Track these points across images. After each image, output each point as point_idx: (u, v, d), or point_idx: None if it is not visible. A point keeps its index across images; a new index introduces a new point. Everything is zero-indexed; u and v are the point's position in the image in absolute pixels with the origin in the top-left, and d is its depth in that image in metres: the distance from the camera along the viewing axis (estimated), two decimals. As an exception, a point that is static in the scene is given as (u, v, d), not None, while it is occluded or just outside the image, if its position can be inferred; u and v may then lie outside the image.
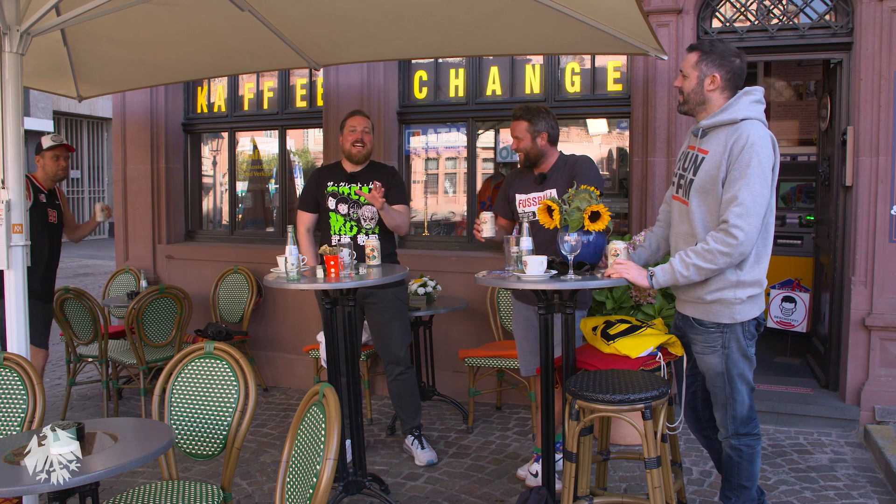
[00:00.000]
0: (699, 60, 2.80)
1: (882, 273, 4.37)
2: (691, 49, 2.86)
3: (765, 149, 2.65)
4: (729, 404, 2.85)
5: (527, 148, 3.56)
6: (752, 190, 2.61)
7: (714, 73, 2.78)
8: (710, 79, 2.78)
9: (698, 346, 2.89)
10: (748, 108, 2.74)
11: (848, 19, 4.45)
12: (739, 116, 2.71)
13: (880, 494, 3.59)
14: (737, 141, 2.66)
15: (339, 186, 4.06)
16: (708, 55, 2.79)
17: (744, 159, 2.63)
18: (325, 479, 1.94)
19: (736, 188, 2.63)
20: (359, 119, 4.06)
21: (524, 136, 3.55)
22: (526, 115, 3.55)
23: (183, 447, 2.84)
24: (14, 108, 3.09)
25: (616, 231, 4.78)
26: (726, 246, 2.63)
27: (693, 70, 2.81)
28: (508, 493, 3.68)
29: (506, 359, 4.49)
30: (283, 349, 5.75)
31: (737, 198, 2.62)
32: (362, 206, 4.02)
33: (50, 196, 4.62)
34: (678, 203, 2.92)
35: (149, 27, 4.16)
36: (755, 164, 2.62)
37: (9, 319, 3.15)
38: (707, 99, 2.80)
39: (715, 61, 2.78)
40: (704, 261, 2.67)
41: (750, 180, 2.61)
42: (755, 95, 2.78)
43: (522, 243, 3.03)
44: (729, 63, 2.78)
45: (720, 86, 2.78)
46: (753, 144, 2.63)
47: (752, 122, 2.70)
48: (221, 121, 6.19)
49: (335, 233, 4.05)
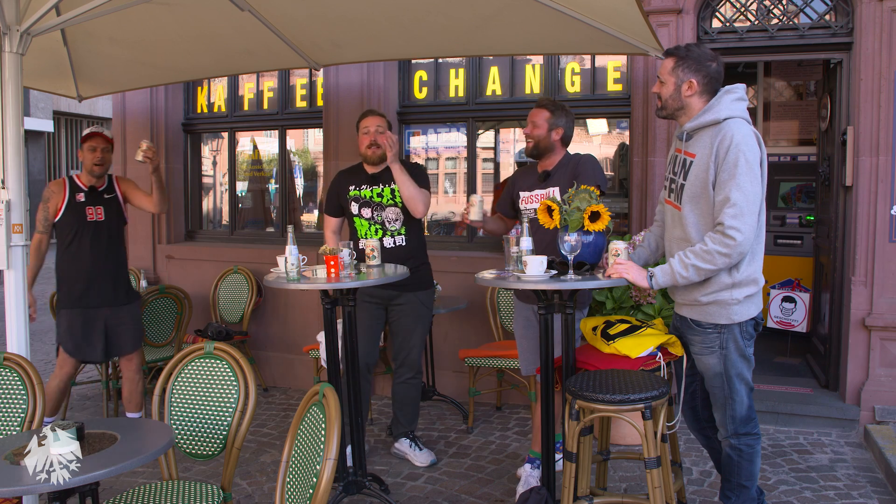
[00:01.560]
0: (675, 66, 2.80)
1: (882, 273, 4.37)
2: (667, 54, 2.86)
3: (750, 146, 2.65)
4: (728, 404, 2.85)
5: (539, 136, 3.54)
6: (744, 189, 2.61)
7: (691, 79, 2.78)
8: (687, 84, 2.79)
9: (696, 346, 2.89)
10: (730, 106, 2.74)
11: (848, 19, 4.45)
12: (722, 116, 2.71)
13: (880, 494, 3.59)
14: (721, 141, 2.66)
15: (360, 190, 4.02)
16: (684, 60, 2.79)
17: (731, 159, 2.63)
18: (325, 479, 1.94)
19: (727, 189, 2.63)
20: (371, 119, 3.98)
21: (542, 124, 3.53)
22: (550, 105, 3.56)
23: (183, 447, 2.84)
24: (14, 108, 3.09)
25: (616, 231, 4.78)
26: (724, 247, 2.63)
27: (670, 76, 2.82)
28: (508, 493, 3.68)
29: (506, 359, 4.50)
30: (283, 349, 5.75)
31: (729, 199, 2.62)
32: (385, 208, 3.98)
33: (92, 193, 4.24)
34: (671, 207, 2.92)
35: (149, 27, 4.16)
36: (742, 163, 2.62)
37: (8, 319, 3.15)
38: (686, 104, 2.81)
39: (691, 66, 2.78)
40: (703, 261, 2.68)
41: (740, 180, 2.61)
42: (737, 93, 2.78)
43: (522, 243, 3.03)
44: (705, 67, 2.78)
45: (697, 90, 2.79)
46: (738, 143, 2.63)
47: (734, 120, 2.71)
48: (221, 121, 6.19)
49: (362, 237, 3.99)
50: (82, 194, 4.23)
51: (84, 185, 4.25)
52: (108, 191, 4.32)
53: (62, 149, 19.55)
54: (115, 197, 4.33)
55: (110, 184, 4.35)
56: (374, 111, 4.08)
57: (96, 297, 4.18)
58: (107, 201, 4.29)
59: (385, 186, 3.99)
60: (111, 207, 4.30)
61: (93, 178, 4.25)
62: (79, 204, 4.20)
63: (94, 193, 4.25)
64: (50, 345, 7.46)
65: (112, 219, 4.29)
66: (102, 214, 4.24)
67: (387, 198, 3.99)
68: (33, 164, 17.30)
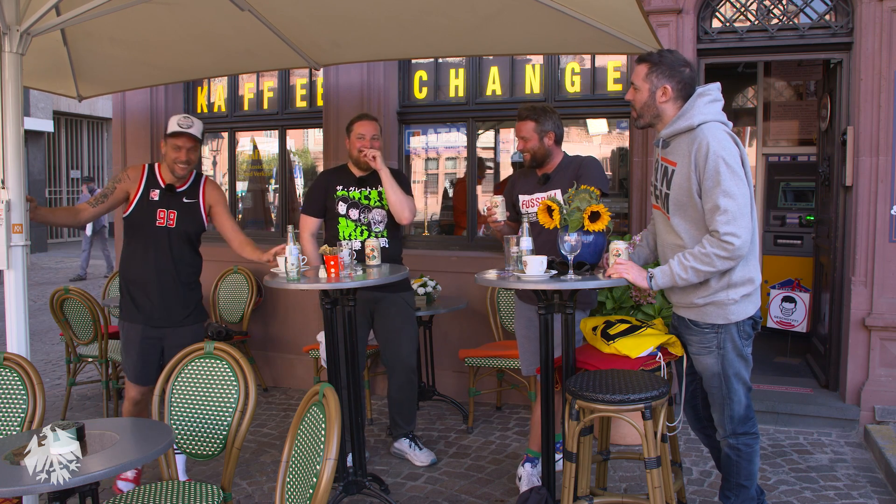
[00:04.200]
0: (649, 72, 2.80)
1: (882, 273, 4.37)
2: (640, 61, 2.86)
3: (727, 149, 2.64)
4: (726, 404, 2.85)
5: (534, 148, 3.52)
6: (731, 194, 2.61)
7: (665, 84, 2.78)
8: (661, 90, 2.79)
9: (694, 346, 2.89)
10: (703, 110, 2.73)
11: (848, 19, 4.46)
12: (696, 122, 2.71)
13: (880, 494, 3.59)
14: (699, 150, 2.66)
15: (349, 191, 4.01)
16: (658, 66, 2.79)
17: (711, 167, 2.62)
18: (325, 479, 1.94)
19: (714, 197, 2.63)
20: (367, 125, 3.95)
21: (531, 136, 3.50)
22: (532, 114, 3.51)
23: (183, 447, 2.84)
24: (14, 108, 3.09)
25: (616, 231, 4.78)
26: (723, 251, 2.63)
27: (644, 82, 2.81)
28: (508, 493, 3.68)
29: (506, 359, 4.49)
30: (283, 349, 5.75)
31: (719, 206, 2.62)
32: (372, 209, 4.00)
33: (169, 193, 3.60)
34: (660, 213, 2.92)
35: (149, 27, 4.15)
36: (724, 169, 2.61)
37: (8, 319, 3.15)
38: (661, 111, 2.81)
39: (665, 72, 2.78)
40: (702, 263, 2.68)
41: (725, 186, 2.61)
42: (710, 95, 2.77)
43: (522, 243, 3.03)
44: (679, 73, 2.78)
45: (672, 97, 2.78)
46: (715, 150, 2.63)
47: (708, 125, 2.70)
48: (221, 121, 6.19)
49: (344, 238, 3.98)
50: (157, 192, 3.60)
51: (163, 182, 3.63)
52: (189, 194, 3.65)
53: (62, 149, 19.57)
54: (195, 204, 3.66)
55: (194, 186, 3.68)
56: (368, 115, 4.06)
57: (156, 313, 3.59)
58: (184, 206, 3.63)
59: (372, 189, 4.00)
60: (188, 214, 3.63)
61: (173, 176, 3.62)
62: (151, 203, 3.58)
63: (171, 194, 3.61)
64: (50, 345, 7.47)
65: (186, 227, 3.62)
66: (174, 221, 3.59)
67: (374, 200, 4.00)
68: (33, 164, 17.31)
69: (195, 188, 3.69)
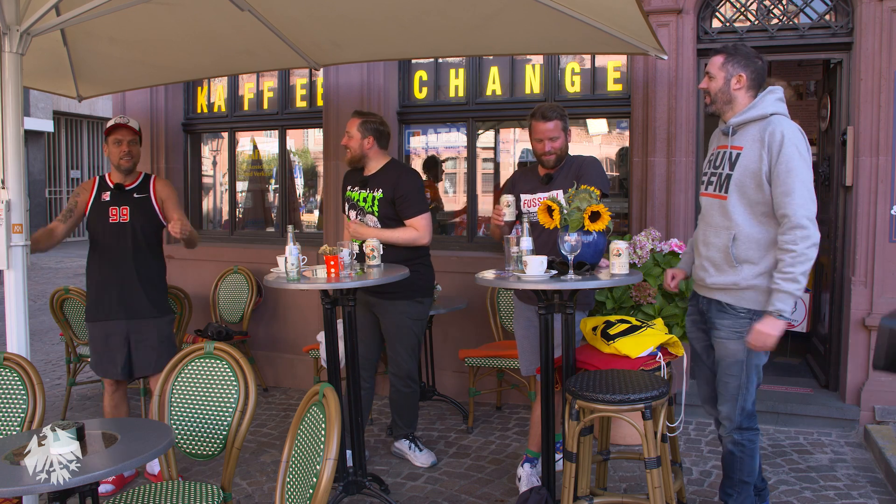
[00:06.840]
0: (725, 61, 2.93)
1: (882, 273, 4.37)
2: (717, 52, 3.00)
3: (800, 139, 2.79)
4: (741, 394, 2.91)
5: (563, 147, 3.46)
6: (802, 178, 2.73)
7: (740, 73, 2.91)
8: (736, 78, 2.91)
9: (724, 331, 2.92)
10: (774, 104, 2.88)
11: (848, 19, 4.46)
12: (769, 112, 2.85)
13: (880, 494, 3.59)
14: (772, 134, 2.77)
15: (353, 191, 4.02)
16: (734, 56, 2.93)
17: (786, 153, 2.74)
18: (325, 479, 1.94)
19: (788, 182, 2.73)
20: (349, 121, 3.97)
21: (560, 134, 3.44)
22: (560, 113, 3.45)
23: (183, 447, 2.84)
24: (14, 108, 3.09)
25: (616, 231, 4.78)
26: (803, 239, 2.70)
27: (720, 71, 2.94)
28: (508, 493, 3.68)
29: (506, 359, 4.49)
30: (283, 349, 5.75)
31: (792, 190, 2.72)
32: (366, 214, 3.95)
33: (118, 192, 3.82)
34: (710, 199, 2.98)
35: (149, 27, 4.16)
36: (797, 156, 2.74)
37: (8, 319, 3.15)
38: (733, 98, 2.93)
39: (740, 62, 2.91)
40: (799, 263, 2.72)
41: (799, 172, 2.73)
42: (778, 94, 2.92)
43: (522, 243, 3.04)
44: (753, 63, 2.92)
45: (746, 85, 2.91)
46: (790, 137, 2.76)
47: (780, 116, 2.85)
48: (221, 121, 6.19)
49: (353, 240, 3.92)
50: (108, 193, 3.83)
51: (111, 183, 3.85)
52: (139, 190, 3.86)
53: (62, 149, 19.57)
54: (146, 198, 3.86)
55: (144, 183, 3.90)
56: (355, 111, 4.06)
57: (116, 307, 3.76)
58: (135, 201, 3.83)
59: (370, 193, 3.94)
60: (139, 208, 3.83)
61: (121, 175, 3.83)
62: (103, 203, 3.80)
63: (121, 192, 3.83)
64: (50, 345, 7.47)
65: (140, 221, 3.81)
66: (127, 215, 3.79)
67: (368, 205, 3.95)
68: (33, 164, 17.32)
69: (145, 185, 3.90)
